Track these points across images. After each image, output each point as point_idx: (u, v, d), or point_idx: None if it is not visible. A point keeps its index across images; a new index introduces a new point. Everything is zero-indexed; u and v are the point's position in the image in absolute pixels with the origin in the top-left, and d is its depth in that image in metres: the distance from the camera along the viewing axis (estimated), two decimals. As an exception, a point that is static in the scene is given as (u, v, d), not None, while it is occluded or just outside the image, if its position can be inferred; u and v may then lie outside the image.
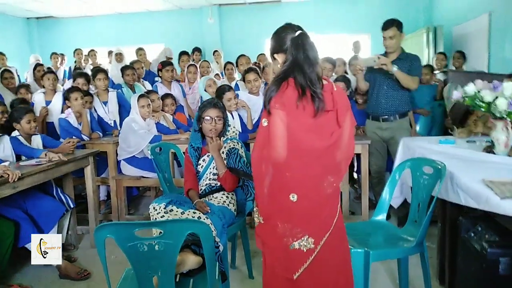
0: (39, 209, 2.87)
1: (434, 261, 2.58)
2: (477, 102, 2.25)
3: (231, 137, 2.65)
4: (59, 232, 3.06)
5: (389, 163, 3.53)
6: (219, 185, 2.54)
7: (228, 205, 2.46)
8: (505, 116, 2.14)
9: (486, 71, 5.03)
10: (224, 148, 2.58)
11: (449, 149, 2.55)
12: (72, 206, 3.14)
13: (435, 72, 4.82)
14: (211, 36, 8.63)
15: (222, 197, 2.50)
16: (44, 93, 4.23)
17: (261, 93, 3.86)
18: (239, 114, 3.68)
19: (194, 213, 2.23)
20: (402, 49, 3.37)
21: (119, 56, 6.18)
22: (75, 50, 7.41)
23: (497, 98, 2.15)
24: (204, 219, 2.19)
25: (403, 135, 3.22)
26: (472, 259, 1.84)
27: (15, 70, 5.34)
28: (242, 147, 2.64)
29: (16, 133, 3.11)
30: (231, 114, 3.55)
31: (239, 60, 5.32)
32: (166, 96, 4.19)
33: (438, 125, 4.24)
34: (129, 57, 6.38)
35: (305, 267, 1.66)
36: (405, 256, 2.29)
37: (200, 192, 2.56)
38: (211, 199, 2.49)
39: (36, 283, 2.75)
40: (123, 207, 3.75)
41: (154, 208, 2.24)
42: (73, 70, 6.53)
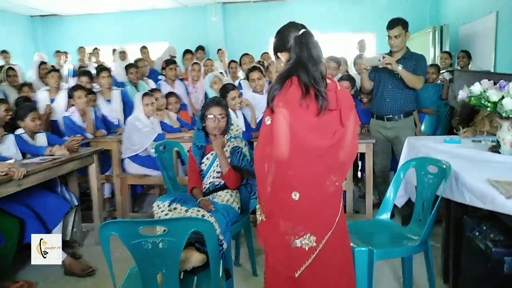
0: (44, 207, 2.88)
1: (439, 260, 2.58)
2: (483, 102, 2.24)
3: (234, 135, 2.65)
4: (64, 230, 3.09)
5: (394, 163, 3.52)
6: (222, 183, 2.54)
7: (232, 203, 2.46)
8: (511, 116, 2.13)
9: (493, 70, 5.01)
10: (228, 147, 2.58)
11: (454, 148, 2.54)
12: (77, 203, 3.17)
13: (441, 72, 4.80)
14: (215, 34, 8.62)
15: (226, 195, 2.50)
16: (48, 91, 4.25)
17: (265, 92, 3.85)
18: (242, 113, 3.68)
19: (198, 211, 2.24)
20: (407, 48, 3.35)
21: (122, 54, 6.21)
22: (79, 48, 7.44)
23: (503, 97, 2.14)
24: (208, 217, 2.19)
25: (407, 134, 3.21)
26: (477, 258, 1.83)
27: (19, 68, 5.36)
28: (246, 146, 2.64)
29: (20, 131, 3.12)
30: (235, 113, 3.55)
31: (242, 59, 5.32)
32: (170, 95, 4.20)
33: (443, 125, 4.22)
34: (133, 55, 6.40)
35: (306, 265, 1.66)
36: (409, 255, 2.29)
37: (204, 190, 2.56)
38: (215, 197, 2.50)
39: (41, 279, 2.76)
40: (127, 205, 3.77)
41: (158, 206, 2.25)
42: (77, 69, 6.55)
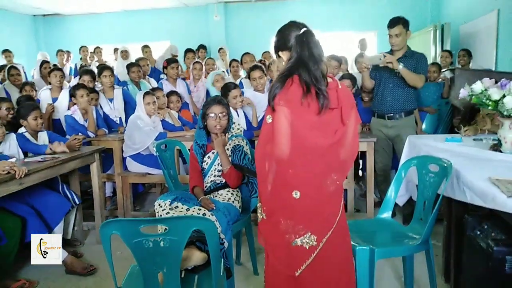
0: (45, 205, 2.89)
1: (440, 259, 2.57)
2: (484, 100, 2.23)
3: (236, 134, 2.65)
4: (65, 228, 3.09)
5: (395, 161, 3.52)
6: (224, 182, 2.54)
7: (233, 202, 2.46)
8: (512, 114, 2.13)
9: (494, 69, 4.99)
10: (229, 145, 2.58)
11: (455, 147, 2.54)
12: (78, 202, 3.17)
13: (442, 70, 4.79)
14: (217, 34, 8.62)
15: (227, 194, 2.50)
16: (50, 90, 4.25)
17: (266, 91, 3.85)
18: (244, 111, 3.68)
19: (199, 209, 2.24)
20: (408, 47, 3.35)
21: (124, 53, 6.21)
22: (81, 47, 7.45)
23: (504, 96, 2.13)
24: (209, 215, 2.19)
25: (408, 133, 3.21)
26: (478, 257, 1.83)
27: (21, 67, 5.37)
28: (247, 144, 2.64)
29: (22, 130, 3.13)
30: (236, 112, 3.55)
31: (243, 58, 5.33)
32: (171, 93, 4.20)
33: (444, 123, 4.21)
34: (134, 54, 6.40)
35: (307, 264, 1.65)
36: (410, 254, 2.28)
37: (205, 189, 2.57)
38: (216, 196, 2.50)
39: (42, 278, 2.77)
40: (128, 204, 3.78)
41: (159, 204, 2.25)
42: (79, 68, 6.56)
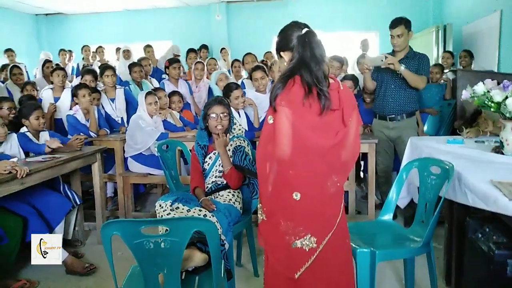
0: (46, 205, 2.89)
1: (441, 262, 2.56)
2: (486, 102, 2.22)
3: (237, 135, 2.65)
4: (66, 228, 3.10)
5: (396, 163, 3.51)
6: (225, 182, 2.54)
7: (234, 203, 2.46)
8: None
9: (496, 70, 4.98)
10: (231, 146, 2.58)
11: (457, 149, 2.53)
12: (79, 202, 3.17)
13: (444, 71, 4.77)
14: (219, 34, 8.63)
15: (228, 195, 2.50)
16: (52, 89, 4.25)
17: (267, 91, 3.85)
18: (245, 112, 3.68)
19: (200, 210, 2.24)
20: (410, 47, 3.34)
21: (126, 53, 6.21)
22: (83, 46, 7.46)
23: (507, 98, 2.12)
24: (210, 217, 2.19)
25: (410, 134, 3.20)
26: (479, 260, 1.82)
27: (24, 67, 5.38)
28: (248, 145, 2.64)
29: (24, 129, 3.13)
30: (238, 112, 3.55)
31: (245, 58, 5.32)
32: (173, 94, 4.20)
33: (446, 125, 4.20)
34: (136, 54, 6.40)
35: (306, 266, 1.64)
36: (412, 257, 2.28)
37: (206, 190, 2.57)
38: (217, 197, 2.50)
39: (43, 278, 2.77)
40: (129, 204, 3.77)
41: (160, 205, 2.25)
42: (82, 67, 6.57)
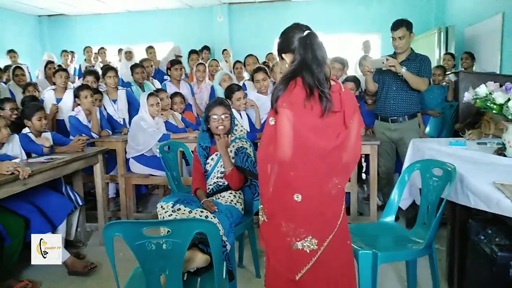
0: (48, 205, 2.89)
1: (443, 264, 2.56)
2: (488, 104, 2.22)
3: (239, 136, 2.65)
4: (68, 229, 3.10)
5: (398, 164, 3.50)
6: (226, 184, 2.54)
7: (235, 204, 2.46)
8: (517, 118, 2.12)
9: (498, 72, 4.97)
10: (233, 147, 2.58)
11: (460, 151, 2.53)
12: (81, 203, 3.17)
13: (446, 73, 4.77)
14: (221, 35, 8.64)
15: (229, 196, 2.50)
16: (54, 90, 4.26)
17: (269, 93, 3.85)
18: (247, 113, 3.68)
19: (202, 212, 2.24)
20: (412, 49, 3.33)
21: (128, 54, 6.23)
22: (85, 48, 7.46)
23: (509, 100, 2.12)
24: (212, 218, 2.19)
25: (412, 136, 3.20)
26: (482, 262, 1.82)
27: (26, 68, 5.39)
28: (250, 146, 2.64)
29: (26, 130, 3.14)
30: (239, 114, 3.55)
31: (246, 60, 5.34)
32: (175, 95, 4.21)
33: (448, 127, 4.19)
34: (138, 55, 6.41)
35: (307, 268, 1.64)
36: (414, 258, 2.27)
37: (208, 191, 2.57)
38: (218, 198, 2.50)
39: (45, 279, 2.77)
40: (131, 205, 3.78)
41: (162, 207, 2.26)
42: (84, 68, 6.57)
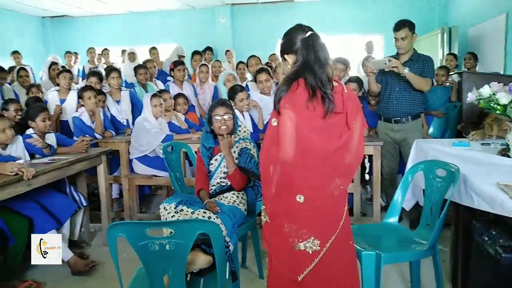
0: (52, 205, 2.90)
1: (447, 265, 2.55)
2: (492, 105, 2.21)
3: (243, 137, 2.65)
4: (72, 229, 3.11)
5: (401, 165, 3.49)
6: (229, 184, 2.55)
7: (238, 204, 2.46)
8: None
9: (502, 72, 4.95)
10: (236, 148, 2.59)
11: (463, 151, 2.52)
12: (85, 204, 3.18)
13: (450, 73, 4.75)
14: (223, 36, 8.65)
15: (232, 196, 2.51)
16: (58, 91, 4.27)
17: (272, 93, 3.85)
18: (250, 114, 3.68)
19: (205, 212, 2.24)
20: (415, 50, 3.33)
21: (132, 55, 6.24)
22: (88, 49, 7.49)
23: (513, 100, 2.12)
24: (214, 218, 2.20)
25: (415, 137, 3.19)
26: (486, 263, 1.81)
27: (30, 69, 5.41)
28: (254, 147, 2.64)
29: (30, 131, 3.15)
30: (242, 115, 3.55)
31: (249, 61, 5.35)
32: (178, 96, 4.22)
33: (452, 127, 4.18)
34: (142, 56, 6.43)
35: (310, 269, 1.64)
36: (417, 259, 2.27)
37: (211, 191, 2.57)
38: (221, 199, 2.50)
39: (49, 279, 2.78)
40: (135, 206, 3.79)
41: (165, 208, 2.26)
42: (87, 69, 6.59)
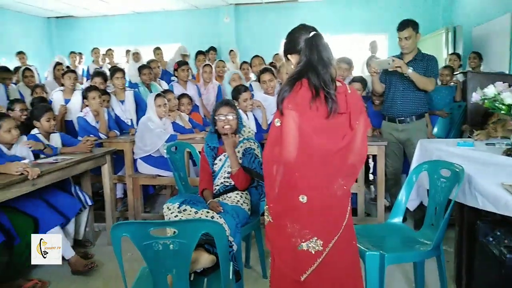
0: (57, 203, 2.91)
1: (451, 265, 2.54)
2: (497, 105, 2.20)
3: (247, 137, 2.65)
4: (77, 229, 3.13)
5: (405, 165, 3.48)
6: (233, 184, 2.55)
7: (241, 204, 2.47)
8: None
9: (507, 72, 4.92)
10: (240, 148, 2.59)
11: (468, 151, 2.51)
12: (90, 203, 3.20)
13: (454, 73, 4.73)
14: (227, 36, 8.66)
15: (236, 196, 2.51)
16: (63, 91, 4.29)
17: (276, 93, 3.84)
18: (253, 114, 3.69)
19: (208, 212, 2.25)
20: (419, 49, 3.31)
21: (136, 56, 6.26)
22: (93, 49, 7.52)
23: (518, 100, 2.11)
24: (218, 218, 2.20)
25: (419, 137, 3.18)
26: (491, 264, 1.81)
27: (35, 69, 5.44)
28: (258, 147, 2.64)
29: (35, 131, 3.17)
30: (246, 115, 3.55)
31: (252, 61, 5.35)
32: (182, 96, 4.22)
33: (456, 127, 4.17)
34: (146, 56, 6.44)
35: (312, 269, 1.64)
36: (421, 260, 2.26)
37: (215, 191, 2.58)
38: (225, 199, 2.51)
39: (54, 278, 2.80)
40: (139, 205, 3.80)
41: (168, 208, 2.27)
42: (92, 70, 6.61)
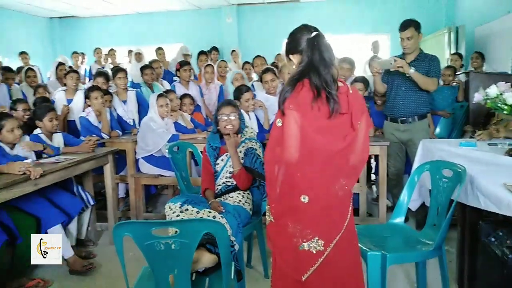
0: (59, 202, 2.92)
1: (453, 266, 2.54)
2: (499, 105, 2.20)
3: (249, 137, 2.66)
4: (79, 228, 3.13)
5: (407, 165, 3.48)
6: (235, 184, 2.55)
7: (243, 204, 2.47)
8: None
9: (510, 72, 4.91)
10: (242, 148, 2.59)
11: (470, 152, 2.51)
12: (92, 203, 3.21)
13: (457, 73, 4.72)
14: (229, 36, 8.67)
15: (237, 196, 2.51)
16: (65, 91, 4.30)
17: (278, 93, 3.85)
18: (255, 114, 3.69)
19: (210, 212, 2.25)
20: (421, 49, 3.31)
21: (138, 56, 6.27)
22: (95, 49, 7.54)
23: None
24: (219, 218, 2.20)
25: (421, 137, 3.17)
26: (493, 264, 1.80)
27: (37, 69, 5.45)
28: (260, 148, 2.64)
29: (38, 131, 3.18)
30: (248, 115, 3.55)
31: (254, 61, 5.36)
32: (184, 96, 4.23)
33: (459, 127, 4.16)
34: (148, 56, 6.45)
35: (314, 269, 1.64)
36: (423, 260, 2.26)
37: (216, 191, 2.58)
38: (227, 199, 2.51)
39: (57, 277, 2.80)
40: (141, 205, 3.81)
41: (170, 207, 2.27)
42: (94, 70, 6.62)
